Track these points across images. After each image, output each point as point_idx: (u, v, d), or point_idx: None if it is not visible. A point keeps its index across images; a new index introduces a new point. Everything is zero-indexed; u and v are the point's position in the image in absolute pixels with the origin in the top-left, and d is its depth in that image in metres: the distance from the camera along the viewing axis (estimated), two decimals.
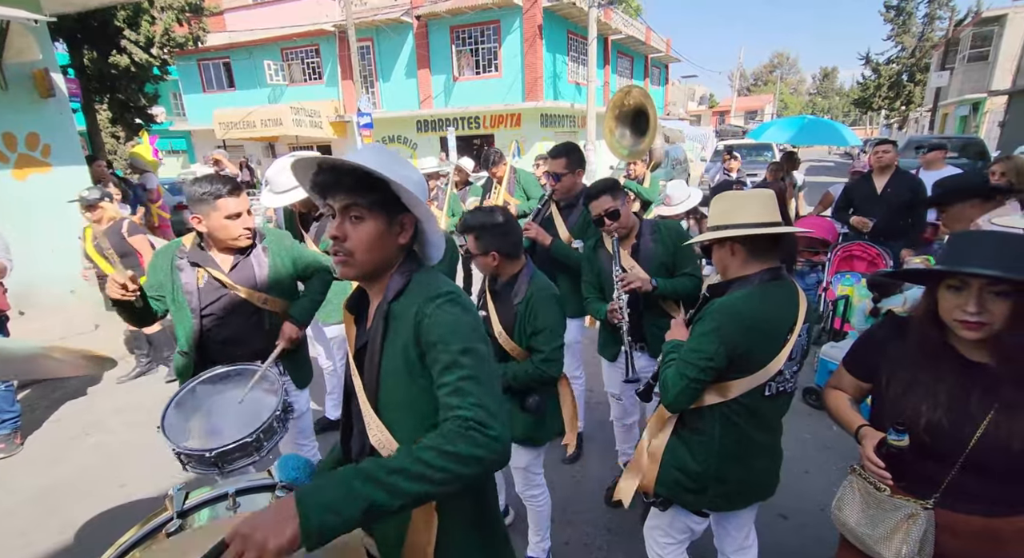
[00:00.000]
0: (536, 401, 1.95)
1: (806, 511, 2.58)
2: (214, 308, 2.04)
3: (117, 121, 11.16)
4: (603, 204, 2.25)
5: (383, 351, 1.06)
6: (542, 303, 1.90)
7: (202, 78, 20.41)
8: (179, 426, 1.69)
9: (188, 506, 0.97)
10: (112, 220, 4.20)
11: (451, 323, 0.99)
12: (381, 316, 1.07)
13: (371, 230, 1.03)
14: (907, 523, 1.19)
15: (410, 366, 1.02)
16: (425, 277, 1.09)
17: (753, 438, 1.56)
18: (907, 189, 4.12)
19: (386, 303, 1.07)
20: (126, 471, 3.17)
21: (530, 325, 1.90)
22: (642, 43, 21.74)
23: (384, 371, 1.06)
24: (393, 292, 1.07)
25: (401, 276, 1.08)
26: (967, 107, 21.78)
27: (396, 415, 1.06)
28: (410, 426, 1.04)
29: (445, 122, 16.79)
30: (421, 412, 1.03)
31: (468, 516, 1.15)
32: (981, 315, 1.09)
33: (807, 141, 7.81)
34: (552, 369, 1.90)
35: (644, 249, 2.33)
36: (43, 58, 4.94)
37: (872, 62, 33.53)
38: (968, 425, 1.13)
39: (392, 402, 1.06)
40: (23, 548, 2.57)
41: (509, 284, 1.98)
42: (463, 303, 1.05)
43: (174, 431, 1.64)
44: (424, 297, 1.02)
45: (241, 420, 1.71)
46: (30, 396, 4.22)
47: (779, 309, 1.50)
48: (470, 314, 1.04)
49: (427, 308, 1.00)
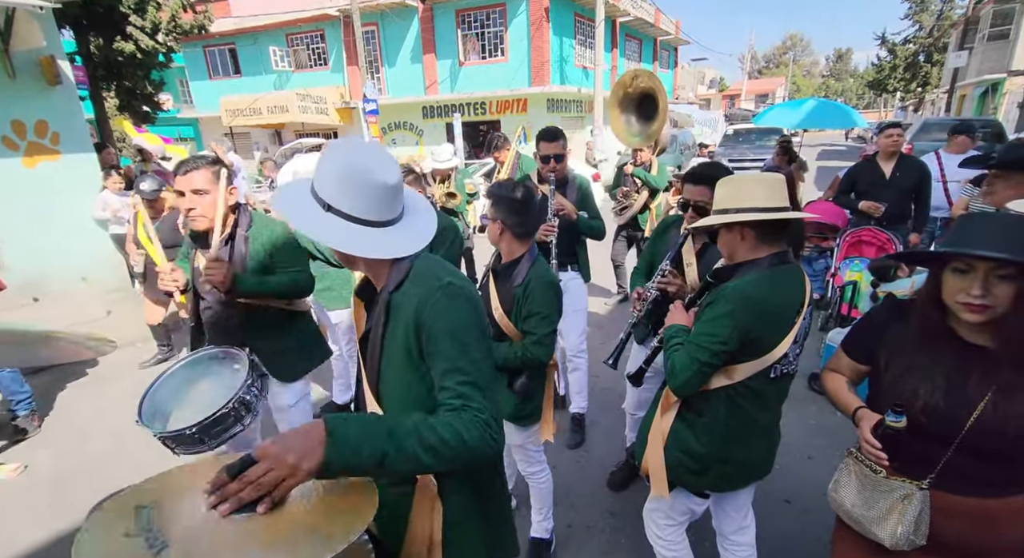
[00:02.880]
0: (523, 384, 1.97)
1: (809, 496, 2.60)
2: (203, 290, 2.10)
3: (124, 108, 11.19)
4: (698, 193, 2.01)
5: (384, 341, 1.09)
6: (539, 288, 1.91)
7: (208, 65, 20.34)
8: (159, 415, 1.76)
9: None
10: (173, 209, 4.22)
11: (450, 317, 1.01)
12: (383, 306, 1.08)
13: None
14: (902, 504, 1.19)
15: (410, 357, 1.05)
16: (425, 265, 1.09)
17: (756, 419, 1.57)
18: (915, 173, 4.09)
19: (387, 293, 1.08)
20: (139, 453, 3.24)
21: (525, 308, 1.92)
22: (651, 25, 21.31)
23: (385, 360, 1.09)
24: (394, 283, 1.08)
25: (400, 266, 1.09)
26: (985, 88, 21.20)
27: (396, 402, 1.10)
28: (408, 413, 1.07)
29: (451, 108, 16.64)
30: (419, 400, 1.06)
31: (471, 502, 1.16)
32: (986, 298, 1.08)
33: (815, 124, 7.64)
34: (541, 353, 1.91)
35: (710, 254, 2.12)
36: (49, 45, 4.95)
37: (888, 42, 32.64)
38: (965, 407, 1.13)
39: (392, 390, 1.10)
40: (37, 528, 2.65)
41: (511, 266, 1.99)
42: (464, 293, 1.05)
43: (152, 419, 1.71)
44: (424, 288, 1.03)
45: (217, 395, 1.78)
46: (46, 380, 4.31)
47: (788, 293, 1.50)
48: (470, 303, 1.05)
49: (427, 300, 1.02)
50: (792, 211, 1.51)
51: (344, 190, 1.03)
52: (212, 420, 1.66)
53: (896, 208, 4.13)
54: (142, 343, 4.87)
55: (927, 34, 30.88)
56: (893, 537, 1.20)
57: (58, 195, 5.13)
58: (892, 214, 4.15)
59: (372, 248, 1.05)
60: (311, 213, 1.04)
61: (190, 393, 1.87)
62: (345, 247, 1.03)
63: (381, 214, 1.06)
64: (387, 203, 1.07)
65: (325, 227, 1.03)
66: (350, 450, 0.83)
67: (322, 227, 1.02)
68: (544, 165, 2.90)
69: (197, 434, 1.64)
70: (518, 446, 2.17)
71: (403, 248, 1.08)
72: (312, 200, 1.05)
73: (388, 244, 1.07)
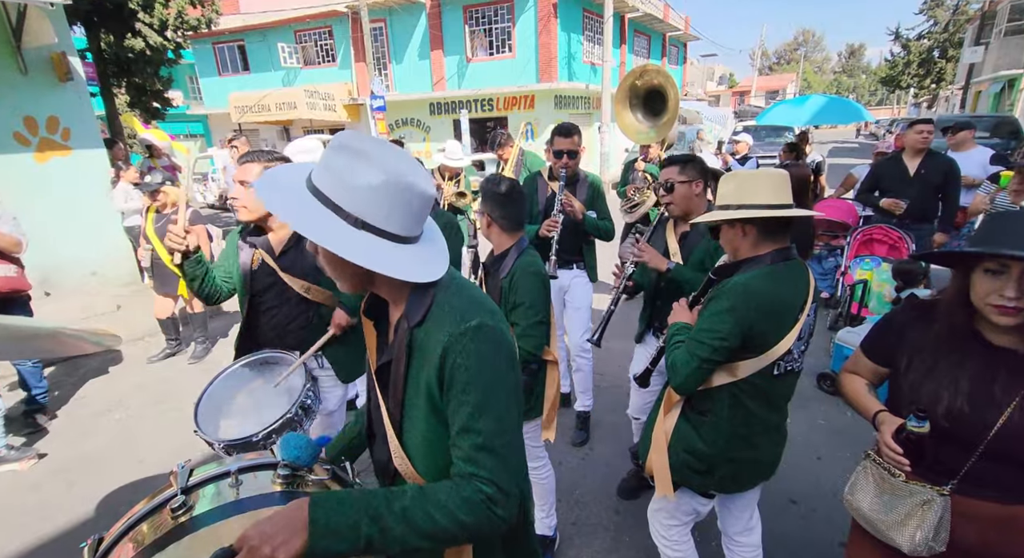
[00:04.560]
0: (524, 379, 1.96)
1: (817, 496, 2.56)
2: (265, 294, 2.04)
3: (134, 105, 11.27)
4: (668, 174, 2.21)
5: (407, 381, 0.99)
6: (524, 279, 1.89)
7: (217, 61, 20.46)
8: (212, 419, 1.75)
9: (192, 483, 0.98)
10: (175, 205, 4.26)
11: (476, 366, 0.90)
12: (403, 341, 0.97)
13: (325, 252, 0.94)
14: (922, 509, 1.16)
15: (432, 403, 0.96)
16: (451, 300, 0.96)
17: (761, 418, 1.55)
18: (941, 170, 3.93)
19: (408, 328, 0.97)
20: (145, 447, 3.27)
21: (511, 299, 1.91)
22: (660, 21, 21.13)
23: (407, 403, 1.00)
24: (417, 316, 0.96)
25: (419, 296, 0.97)
26: (1002, 84, 20.84)
27: (417, 447, 1.01)
28: (430, 459, 1.01)
29: (458, 104, 16.60)
30: (443, 447, 0.97)
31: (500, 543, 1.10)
32: (1020, 300, 1.04)
33: (821, 120, 7.52)
34: (528, 344, 1.88)
35: (692, 239, 2.26)
36: (61, 42, 4.99)
37: (902, 38, 32.21)
38: (991, 411, 1.09)
39: (416, 434, 1.01)
40: (43, 520, 2.67)
41: (499, 259, 1.99)
42: (494, 336, 0.93)
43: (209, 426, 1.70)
44: (451, 329, 0.91)
45: (276, 401, 1.78)
46: (56, 374, 4.36)
47: (791, 289, 1.48)
48: (501, 348, 0.94)
49: (452, 346, 0.91)
50: (795, 208, 1.48)
51: (388, 204, 0.89)
52: (279, 426, 1.66)
53: (919, 206, 3.99)
54: (151, 337, 4.91)
55: (942, 29, 30.42)
56: (912, 543, 1.17)
57: (69, 190, 5.17)
58: (916, 212, 4.01)
59: (417, 270, 0.93)
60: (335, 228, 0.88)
61: (235, 401, 1.86)
62: (389, 269, 0.89)
63: (413, 229, 0.95)
64: (422, 217, 0.96)
65: (357, 247, 0.88)
66: (335, 538, 0.80)
67: (353, 248, 0.88)
68: (557, 160, 2.87)
69: (262, 441, 1.64)
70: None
71: (438, 268, 0.97)
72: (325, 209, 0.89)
73: (423, 263, 0.95)
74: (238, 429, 1.69)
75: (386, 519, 0.84)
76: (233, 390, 1.89)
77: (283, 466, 1.02)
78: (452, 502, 0.86)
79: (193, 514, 0.92)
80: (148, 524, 0.92)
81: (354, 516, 0.83)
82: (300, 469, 1.05)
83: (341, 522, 0.81)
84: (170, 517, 0.91)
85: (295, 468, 1.04)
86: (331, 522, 0.81)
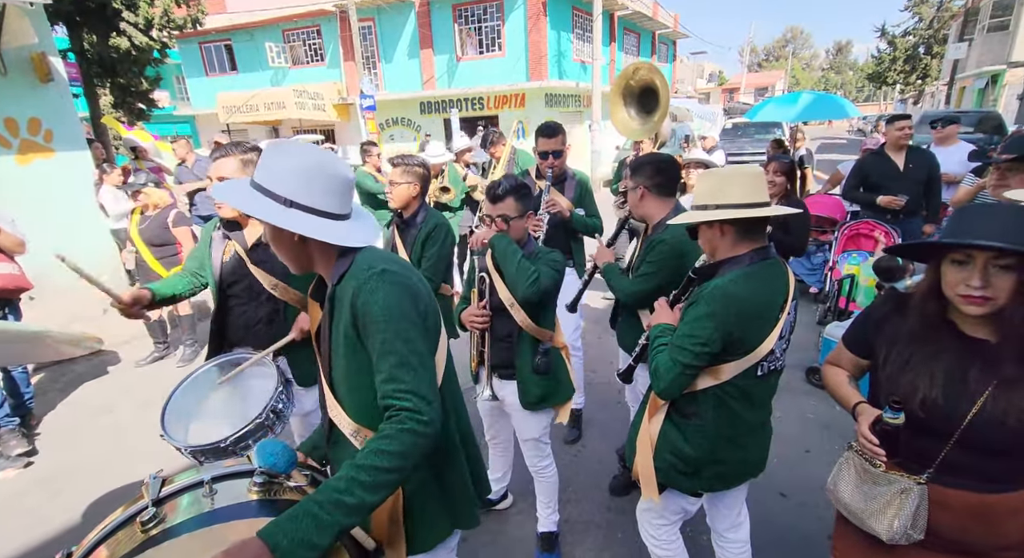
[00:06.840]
0: (545, 361, 2.00)
1: (806, 490, 2.59)
2: (234, 287, 2.01)
3: (119, 106, 11.11)
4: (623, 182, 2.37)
5: (331, 333, 1.15)
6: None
7: (204, 61, 20.20)
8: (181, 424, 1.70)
9: (164, 494, 0.97)
10: (157, 207, 4.20)
11: (382, 303, 1.04)
12: (328, 300, 1.15)
13: (269, 232, 1.14)
14: (900, 498, 1.18)
15: (351, 345, 1.09)
16: (364, 256, 1.13)
17: (746, 418, 1.55)
18: (927, 165, 4.02)
19: (331, 287, 1.14)
20: (134, 452, 3.23)
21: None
22: (649, 18, 21.17)
23: (334, 351, 1.15)
24: (336, 276, 1.13)
25: (344, 259, 1.13)
26: (985, 80, 21.11)
27: (345, 391, 1.16)
28: (357, 400, 1.14)
29: (448, 103, 16.54)
30: (366, 386, 1.09)
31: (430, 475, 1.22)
32: (986, 290, 1.06)
33: (810, 117, 7.64)
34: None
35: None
36: (41, 42, 4.90)
37: (888, 35, 32.49)
38: (965, 401, 1.11)
39: (342, 378, 1.15)
40: (31, 527, 2.64)
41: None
42: (397, 278, 1.08)
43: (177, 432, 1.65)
44: (359, 277, 1.07)
45: (247, 405, 1.73)
46: (43, 379, 4.30)
47: (770, 289, 1.48)
48: (402, 287, 1.08)
49: (361, 288, 1.06)
50: (772, 207, 1.49)
51: (307, 185, 1.08)
52: (247, 431, 1.61)
53: (913, 201, 4.05)
54: (138, 341, 4.85)
55: (927, 26, 30.73)
56: (890, 531, 1.19)
57: (53, 193, 5.09)
58: (908, 207, 4.07)
59: (342, 236, 1.11)
60: (272, 209, 1.07)
61: (205, 404, 1.81)
62: (315, 233, 1.07)
63: (338, 207, 1.13)
64: (347, 197, 1.15)
65: (289, 220, 1.07)
66: (304, 547, 0.84)
67: (287, 220, 1.06)
68: (542, 161, 2.87)
69: (231, 447, 1.58)
70: (533, 440, 2.18)
71: (366, 236, 1.14)
72: (264, 197, 1.08)
73: (351, 232, 1.13)
74: (207, 434, 1.62)
75: (336, 496, 0.89)
76: (204, 393, 1.83)
77: (259, 473, 1.01)
78: (378, 444, 0.96)
79: (166, 525, 0.90)
80: (118, 538, 0.90)
81: (309, 516, 0.86)
82: (277, 476, 1.04)
83: (302, 531, 0.84)
84: (140, 530, 0.89)
85: (272, 475, 1.03)
86: (293, 536, 0.84)
